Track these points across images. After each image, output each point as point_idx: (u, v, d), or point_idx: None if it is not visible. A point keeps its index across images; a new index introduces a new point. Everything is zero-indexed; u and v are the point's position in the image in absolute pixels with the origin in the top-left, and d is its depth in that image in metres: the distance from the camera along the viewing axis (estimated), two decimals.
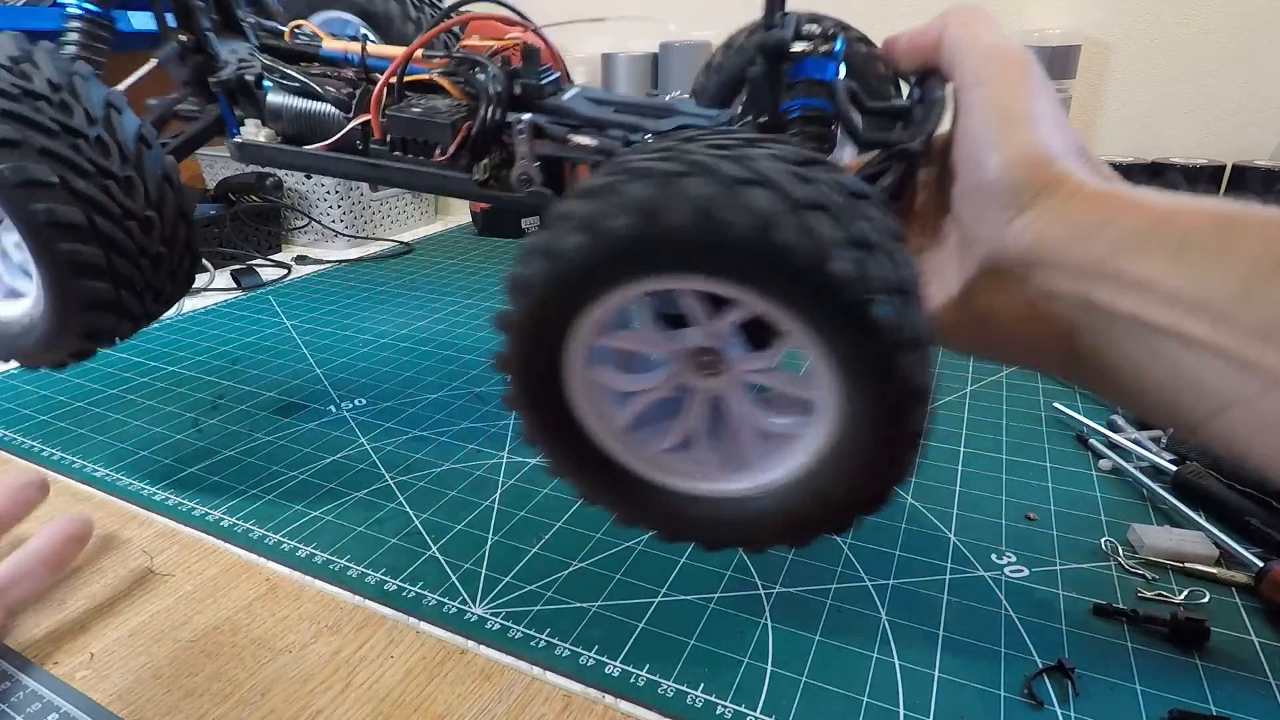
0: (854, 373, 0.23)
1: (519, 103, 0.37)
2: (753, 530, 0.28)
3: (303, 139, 0.40)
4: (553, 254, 0.23)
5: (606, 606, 0.33)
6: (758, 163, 0.22)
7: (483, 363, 0.58)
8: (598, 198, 0.23)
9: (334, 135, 0.39)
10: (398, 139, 0.38)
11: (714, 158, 0.22)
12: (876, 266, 0.21)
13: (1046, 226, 0.23)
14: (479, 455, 0.45)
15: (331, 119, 0.40)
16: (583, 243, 0.23)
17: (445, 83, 0.38)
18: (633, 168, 0.23)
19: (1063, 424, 0.47)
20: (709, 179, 0.21)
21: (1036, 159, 0.24)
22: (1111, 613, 0.31)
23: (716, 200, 0.21)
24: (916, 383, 0.22)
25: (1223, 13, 0.71)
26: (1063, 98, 0.74)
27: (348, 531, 0.38)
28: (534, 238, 0.24)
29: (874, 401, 0.23)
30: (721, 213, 0.21)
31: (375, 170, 0.39)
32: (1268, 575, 0.31)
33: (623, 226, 0.22)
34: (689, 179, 0.21)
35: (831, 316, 0.22)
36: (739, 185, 0.21)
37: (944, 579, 0.34)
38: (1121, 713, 0.27)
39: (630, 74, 0.92)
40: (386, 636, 0.32)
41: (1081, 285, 0.23)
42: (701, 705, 0.27)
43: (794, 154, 0.22)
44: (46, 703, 0.29)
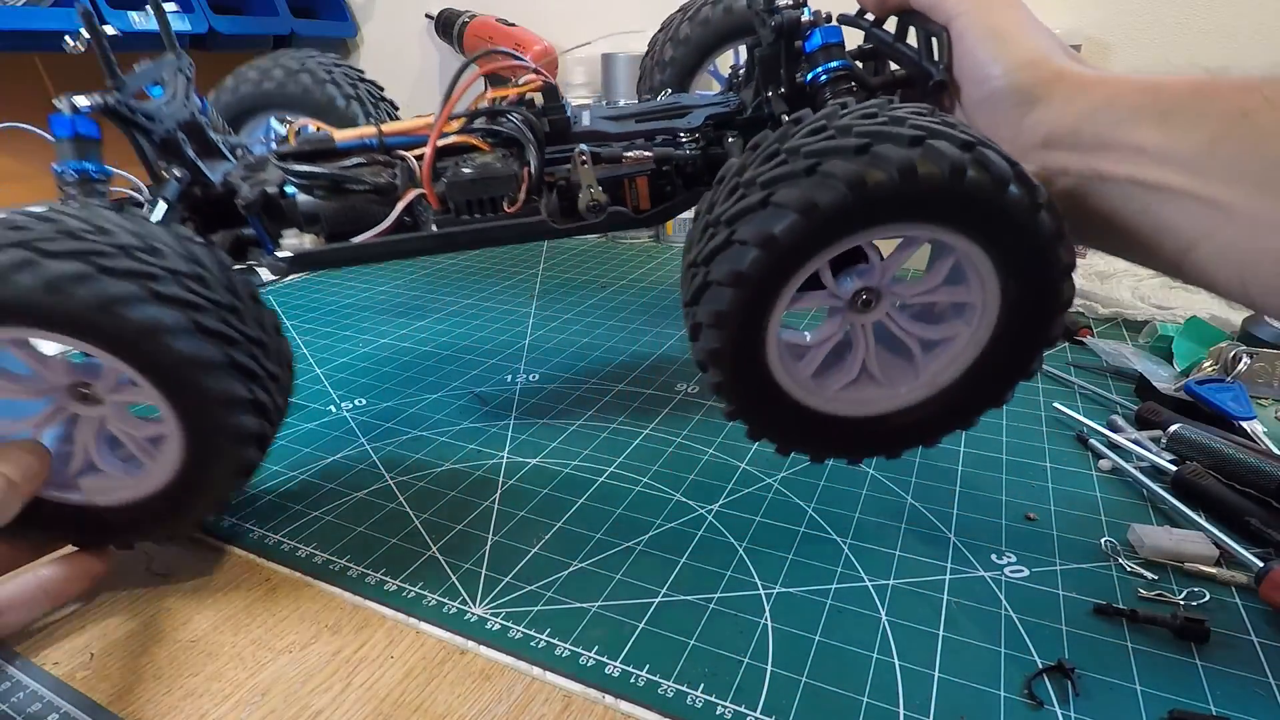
0: (1018, 269, 0.28)
1: (552, 138, 0.39)
2: (930, 428, 0.34)
3: (346, 233, 0.39)
4: (807, 209, 0.26)
5: (606, 606, 0.33)
6: (919, 121, 0.26)
7: (483, 363, 0.58)
8: (851, 158, 0.26)
9: (383, 220, 0.38)
10: (461, 203, 0.38)
11: (884, 126, 0.26)
12: (1030, 183, 0.26)
13: (1059, 116, 0.28)
14: (479, 455, 0.45)
15: (375, 204, 0.39)
16: (796, 221, 0.26)
17: (474, 140, 0.39)
18: (816, 149, 0.26)
19: (1063, 424, 0.47)
20: (895, 143, 0.25)
21: (1034, 61, 0.29)
22: (1111, 613, 0.31)
23: (912, 159, 0.25)
24: (1069, 260, 0.28)
25: (1223, 13, 0.71)
26: None
27: (348, 531, 0.38)
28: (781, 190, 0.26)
29: (1035, 286, 0.28)
30: (922, 166, 0.25)
31: (444, 240, 0.39)
32: (1268, 575, 0.31)
33: (836, 197, 0.26)
34: (937, 140, 0.25)
35: (1008, 228, 0.27)
36: (926, 141, 0.25)
37: (944, 579, 0.34)
38: (1121, 713, 0.27)
39: (630, 74, 0.92)
40: (386, 637, 0.32)
41: (1090, 159, 0.27)
42: (701, 705, 0.27)
43: (925, 108, 0.27)
44: (47, 703, 0.29)
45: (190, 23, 0.90)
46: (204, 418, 0.30)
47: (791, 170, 0.26)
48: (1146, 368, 0.50)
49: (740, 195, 0.28)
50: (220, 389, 0.29)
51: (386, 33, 1.15)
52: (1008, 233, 0.27)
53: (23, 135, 0.74)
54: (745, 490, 0.41)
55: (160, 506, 0.33)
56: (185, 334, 0.28)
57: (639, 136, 0.40)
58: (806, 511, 0.39)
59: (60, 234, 0.27)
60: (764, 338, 0.30)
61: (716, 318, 0.29)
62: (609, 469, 0.43)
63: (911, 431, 0.34)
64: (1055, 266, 0.27)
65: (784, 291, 0.29)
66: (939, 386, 0.32)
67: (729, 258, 0.28)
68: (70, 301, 0.27)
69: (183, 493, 0.32)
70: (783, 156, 0.27)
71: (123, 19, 0.83)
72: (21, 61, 0.93)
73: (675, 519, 0.39)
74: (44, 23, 0.77)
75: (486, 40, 0.93)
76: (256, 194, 0.39)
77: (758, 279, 0.28)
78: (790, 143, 0.27)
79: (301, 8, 1.08)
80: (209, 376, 0.29)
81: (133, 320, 0.27)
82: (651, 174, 0.39)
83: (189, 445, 0.30)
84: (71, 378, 0.31)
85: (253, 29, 0.99)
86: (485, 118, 0.39)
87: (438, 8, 1.01)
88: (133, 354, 0.28)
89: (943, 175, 0.25)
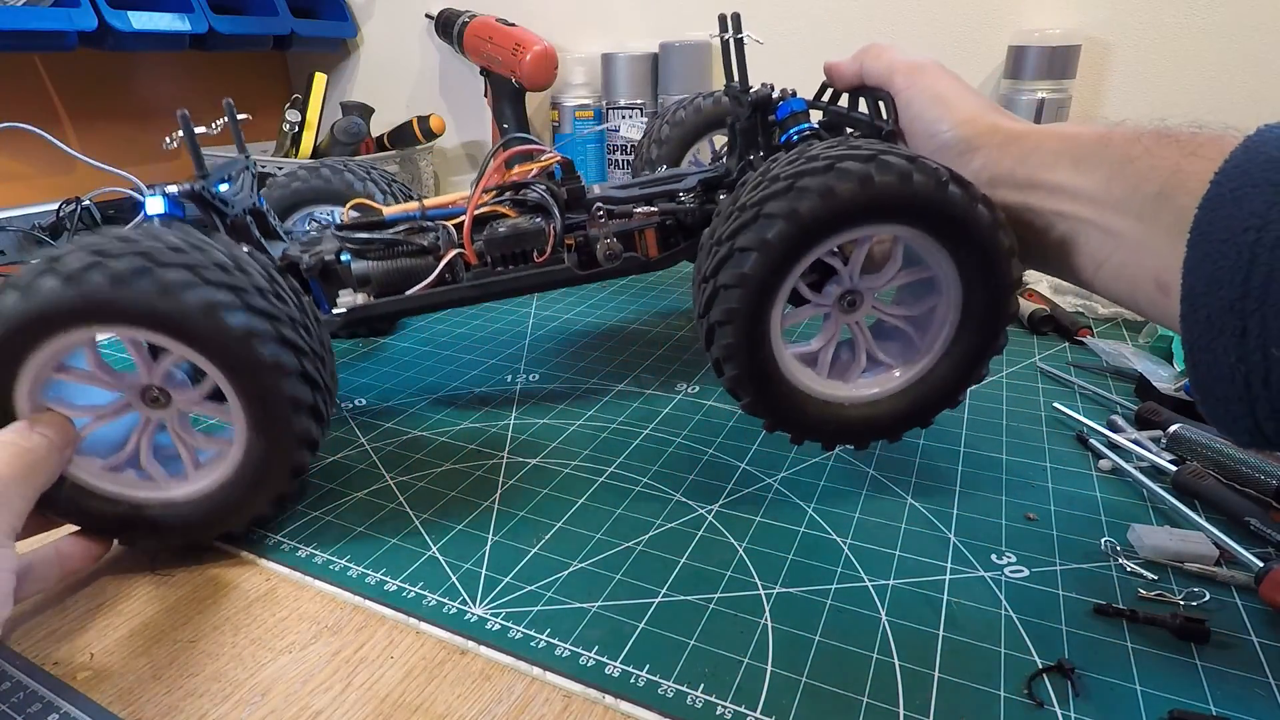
0: (967, 259, 0.34)
1: (569, 205, 0.47)
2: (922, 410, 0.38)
3: (394, 289, 0.46)
4: (791, 215, 0.32)
5: (606, 606, 0.33)
6: (872, 146, 0.33)
7: (483, 363, 0.58)
8: (820, 175, 0.32)
9: (426, 276, 0.45)
10: (496, 257, 0.45)
11: (845, 150, 0.32)
12: (964, 182, 0.32)
13: (996, 160, 0.34)
14: (479, 455, 0.45)
15: (418, 265, 0.45)
16: (784, 226, 0.32)
17: (503, 209, 0.46)
18: (835, 154, 0.32)
19: (1063, 424, 0.47)
20: (855, 160, 0.32)
21: (973, 118, 0.36)
22: (1111, 613, 0.31)
23: (869, 170, 0.31)
24: (1009, 243, 0.33)
25: (1223, 13, 0.71)
26: (1063, 98, 0.74)
27: (348, 531, 0.38)
28: (769, 204, 0.32)
29: (981, 269, 0.34)
30: (878, 175, 0.31)
31: (483, 289, 0.46)
32: (1268, 575, 0.31)
33: (849, 190, 0.31)
34: (887, 156, 0.32)
35: (952, 219, 0.32)
36: (879, 157, 0.32)
37: (944, 579, 0.34)
38: (1121, 713, 0.27)
39: (630, 74, 0.92)
40: (386, 637, 0.32)
41: (1023, 195, 0.33)
42: (701, 705, 0.27)
43: (876, 139, 0.35)
44: (47, 703, 0.29)
45: (190, 23, 0.90)
46: (274, 418, 0.33)
47: (775, 190, 0.32)
48: (1146, 368, 0.50)
49: (736, 216, 0.34)
50: (302, 424, 0.34)
51: (386, 33, 1.15)
52: (952, 222, 0.32)
53: (23, 135, 0.74)
54: (745, 490, 0.41)
55: (222, 503, 0.35)
56: (271, 340, 0.32)
57: (643, 200, 0.47)
58: (806, 512, 0.39)
59: (170, 249, 0.31)
60: (768, 331, 0.35)
61: (728, 314, 0.34)
62: (609, 469, 0.43)
63: (910, 416, 0.39)
64: (998, 246, 0.33)
65: (781, 289, 0.34)
66: (939, 354, 0.37)
67: (734, 264, 0.33)
68: (177, 304, 0.30)
69: (245, 490, 0.35)
70: (766, 183, 0.33)
71: (122, 18, 0.83)
72: (21, 61, 0.93)
73: (675, 519, 0.39)
74: (44, 23, 0.77)
75: (486, 40, 0.93)
76: (316, 261, 0.45)
77: (758, 279, 0.33)
78: (772, 172, 0.34)
79: (301, 8, 1.08)
80: (285, 380, 0.33)
81: (228, 325, 0.31)
82: (658, 226, 0.46)
83: (255, 443, 0.34)
84: (158, 381, 0.34)
85: (253, 29, 0.99)
86: (512, 190, 0.46)
87: (438, 8, 1.01)
88: (224, 355, 0.32)
89: (893, 181, 0.31)
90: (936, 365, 0.37)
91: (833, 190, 0.31)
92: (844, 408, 0.38)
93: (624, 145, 0.95)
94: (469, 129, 1.14)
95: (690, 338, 0.63)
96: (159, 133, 1.08)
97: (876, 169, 0.31)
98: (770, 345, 0.35)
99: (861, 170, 0.31)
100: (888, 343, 0.39)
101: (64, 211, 0.81)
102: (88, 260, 0.30)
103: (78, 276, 0.30)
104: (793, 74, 0.90)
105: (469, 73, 1.07)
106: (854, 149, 0.32)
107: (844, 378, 0.38)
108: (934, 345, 0.37)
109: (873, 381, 0.38)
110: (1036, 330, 0.61)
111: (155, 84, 1.08)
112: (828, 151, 0.33)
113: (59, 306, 0.30)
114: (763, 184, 0.33)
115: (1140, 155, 0.28)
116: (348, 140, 0.96)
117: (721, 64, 0.51)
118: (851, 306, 0.37)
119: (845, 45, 0.85)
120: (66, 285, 0.30)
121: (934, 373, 0.37)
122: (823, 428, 0.38)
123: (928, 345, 0.37)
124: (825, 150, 0.33)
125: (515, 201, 0.46)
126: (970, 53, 0.81)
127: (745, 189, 0.34)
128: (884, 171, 0.31)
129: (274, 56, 1.23)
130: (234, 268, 0.33)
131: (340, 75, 1.20)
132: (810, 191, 0.31)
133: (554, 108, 0.97)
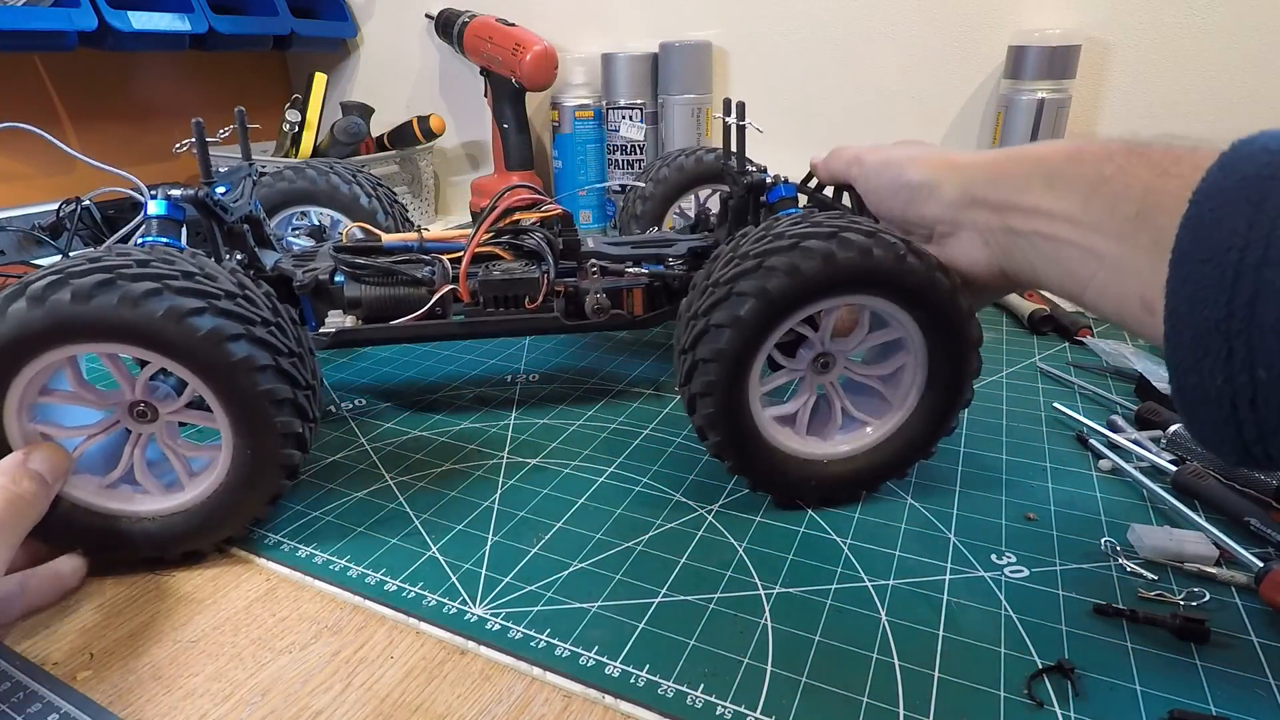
0: (929, 322, 0.36)
1: (564, 254, 0.48)
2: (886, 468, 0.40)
3: (382, 317, 0.46)
4: (761, 294, 0.34)
5: (606, 606, 0.33)
6: (834, 222, 0.35)
7: (483, 363, 0.58)
8: (786, 253, 0.34)
9: (417, 308, 0.45)
10: (489, 298, 0.46)
11: (844, 224, 0.34)
12: (922, 252, 0.35)
13: (966, 188, 0.35)
14: (479, 455, 0.45)
15: (410, 295, 0.46)
16: (784, 282, 0.34)
17: (499, 250, 0.47)
18: (799, 232, 0.34)
19: (1063, 424, 0.47)
20: (855, 233, 0.34)
21: (929, 160, 0.37)
22: (1111, 613, 0.31)
23: (868, 244, 0.34)
24: (966, 307, 0.35)
25: (1223, 13, 0.71)
26: (1063, 98, 0.74)
27: (348, 531, 0.38)
28: (740, 283, 0.34)
29: (943, 330, 0.36)
30: (875, 250, 0.33)
31: (471, 328, 0.47)
32: (1268, 575, 0.31)
33: (813, 267, 0.33)
34: (847, 233, 0.34)
35: (913, 287, 0.34)
36: (839, 234, 0.34)
37: (944, 579, 0.34)
38: (1121, 713, 0.27)
39: (630, 74, 0.92)
40: (386, 637, 0.32)
41: (1003, 218, 0.33)
42: (701, 706, 0.27)
43: (838, 214, 0.37)
44: (47, 703, 0.29)
45: (190, 23, 0.90)
46: (255, 417, 0.33)
47: (745, 268, 0.34)
48: (1146, 368, 0.50)
49: (711, 292, 0.35)
50: (284, 422, 0.34)
51: (386, 33, 1.15)
52: (913, 291, 0.34)
53: (23, 135, 0.74)
54: (745, 490, 0.41)
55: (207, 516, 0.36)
56: (270, 372, 0.33)
57: (633, 260, 0.49)
58: (806, 512, 0.39)
59: (179, 274, 0.32)
60: (746, 399, 0.36)
61: (707, 386, 0.35)
62: (609, 469, 0.43)
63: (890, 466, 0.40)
64: (957, 310, 0.35)
65: (755, 360, 0.36)
66: (910, 409, 0.38)
67: (710, 339, 0.35)
68: (184, 330, 0.31)
69: (238, 493, 0.35)
70: (737, 259, 0.35)
71: (122, 18, 0.83)
72: (21, 61, 0.93)
73: (675, 519, 0.39)
74: (44, 23, 0.77)
75: (486, 40, 0.93)
76: (310, 279, 0.46)
77: (733, 353, 0.35)
78: (742, 249, 0.35)
79: (301, 8, 1.07)
80: (259, 375, 0.33)
81: (231, 353, 0.32)
82: (645, 288, 0.48)
83: (241, 445, 0.34)
84: (140, 396, 0.35)
85: (252, 29, 0.99)
86: (510, 234, 0.48)
87: (438, 8, 1.01)
88: (195, 358, 0.32)
89: (854, 256, 0.33)
90: (909, 419, 0.39)
91: (798, 268, 0.33)
92: (824, 464, 0.39)
93: (624, 145, 0.95)
94: (469, 129, 1.14)
95: None
96: (159, 133, 1.08)
97: (838, 246, 0.33)
98: (749, 412, 0.37)
99: (824, 248, 0.33)
100: (861, 398, 0.40)
101: (64, 211, 0.81)
102: (51, 279, 0.31)
103: (42, 296, 0.30)
104: (794, 76, 0.90)
105: (469, 73, 1.07)
106: (817, 226, 0.34)
107: (822, 435, 0.40)
108: (905, 400, 0.38)
109: (850, 438, 0.39)
110: (1036, 330, 0.61)
111: (155, 84, 1.08)
112: (792, 229, 0.34)
113: (30, 329, 0.30)
114: (734, 260, 0.35)
115: (1114, 174, 0.27)
116: (348, 140, 0.96)
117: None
118: (825, 368, 0.39)
119: (845, 45, 0.86)
120: (34, 306, 0.30)
121: (908, 425, 0.39)
122: (804, 485, 0.39)
123: (899, 400, 0.39)
124: (790, 228, 0.35)
125: (512, 245, 0.48)
126: (970, 53, 0.81)
127: (718, 264, 0.36)
128: (845, 248, 0.33)
129: (274, 56, 1.23)
130: (201, 275, 0.33)
131: (340, 75, 1.20)
132: (778, 271, 0.33)
133: (554, 108, 0.97)
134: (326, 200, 0.60)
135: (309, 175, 0.60)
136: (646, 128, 0.94)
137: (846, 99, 0.88)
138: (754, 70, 0.93)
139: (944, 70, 0.83)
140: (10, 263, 0.77)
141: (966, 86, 0.83)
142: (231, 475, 0.35)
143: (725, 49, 0.93)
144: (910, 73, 0.84)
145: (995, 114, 0.78)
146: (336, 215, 0.61)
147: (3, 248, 0.78)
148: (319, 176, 0.60)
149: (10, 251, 0.79)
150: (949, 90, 0.83)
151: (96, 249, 0.34)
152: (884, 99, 0.86)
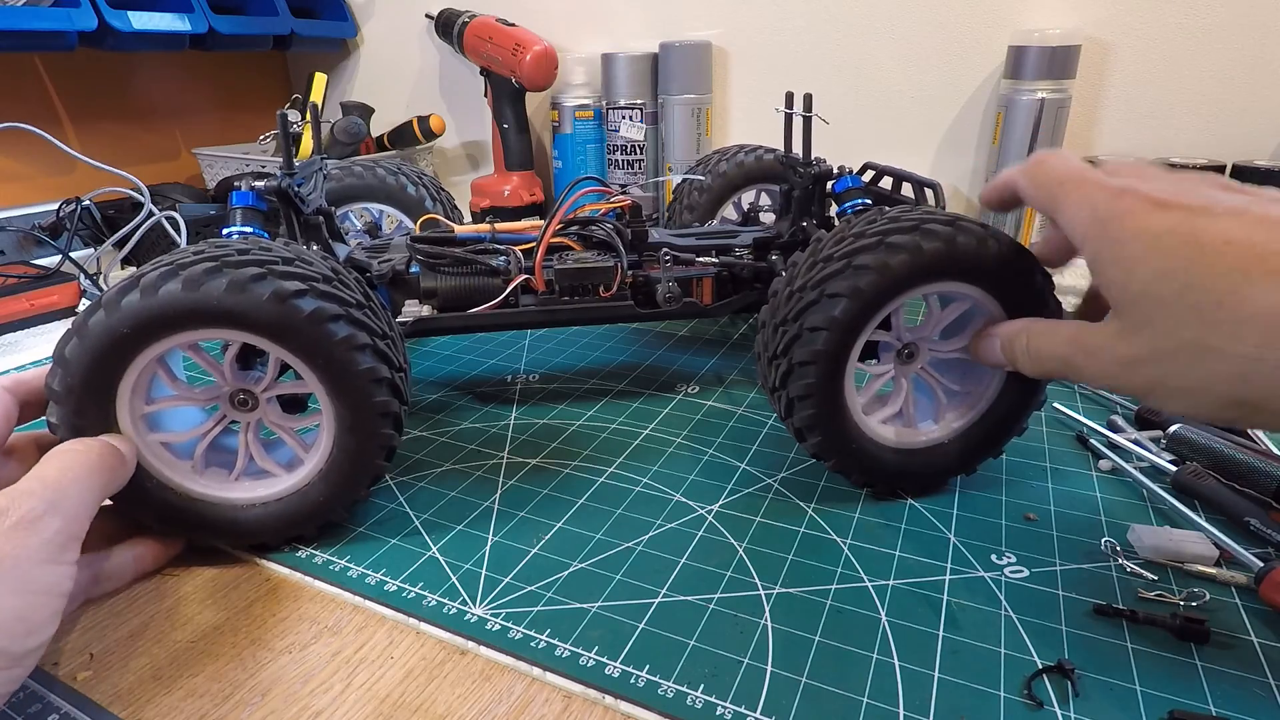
0: (1014, 301, 0.36)
1: (632, 245, 0.49)
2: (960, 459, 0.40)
3: (457, 306, 0.47)
4: (883, 269, 0.34)
5: (606, 607, 0.33)
6: (913, 214, 0.36)
7: (483, 363, 0.58)
8: (873, 251, 0.34)
9: (491, 298, 0.47)
10: (565, 286, 0.47)
11: (923, 216, 0.35)
12: (1004, 237, 0.35)
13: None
14: (479, 455, 0.45)
15: (484, 285, 0.47)
16: (906, 259, 0.34)
17: (570, 241, 0.49)
18: (880, 229, 0.35)
19: (1063, 424, 0.47)
20: (936, 224, 0.35)
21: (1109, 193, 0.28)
22: (1111, 613, 0.31)
23: (951, 233, 0.34)
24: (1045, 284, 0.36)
25: (1223, 13, 0.71)
26: (1063, 98, 0.74)
27: (348, 531, 0.38)
28: (831, 284, 0.35)
29: (1027, 308, 0.35)
30: (959, 238, 0.34)
31: (548, 315, 0.48)
32: (1268, 575, 0.31)
33: (901, 260, 0.34)
34: (929, 225, 0.34)
35: (998, 269, 0.35)
36: (952, 224, 0.35)
37: (944, 579, 0.34)
38: (1121, 713, 0.27)
39: (630, 74, 0.92)
40: (386, 637, 0.32)
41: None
42: (701, 706, 0.27)
43: (907, 207, 0.38)
44: (47, 703, 0.29)
45: (190, 23, 0.90)
46: (364, 424, 0.34)
47: (833, 270, 0.35)
48: None
49: (798, 298, 0.36)
50: (383, 401, 0.34)
51: (386, 33, 1.15)
52: (998, 271, 0.35)
53: (23, 135, 0.74)
54: (745, 490, 0.41)
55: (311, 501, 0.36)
56: (369, 351, 0.33)
57: (700, 250, 0.50)
58: (806, 512, 0.39)
59: (279, 259, 0.33)
60: (844, 398, 0.37)
61: (806, 389, 0.36)
62: (609, 469, 0.43)
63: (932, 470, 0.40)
64: (1036, 285, 0.35)
65: (849, 358, 0.36)
66: (1001, 378, 0.39)
67: (805, 342, 0.35)
68: (288, 311, 0.32)
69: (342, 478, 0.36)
70: (822, 263, 0.36)
71: (122, 18, 0.83)
72: (21, 61, 0.93)
73: (675, 519, 0.39)
74: (44, 23, 0.77)
75: (486, 40, 0.93)
76: (388, 269, 0.47)
77: (830, 352, 0.35)
78: (825, 252, 0.36)
79: (301, 8, 1.07)
80: (378, 389, 0.34)
81: (333, 333, 0.33)
82: (715, 276, 0.49)
83: (344, 444, 0.35)
84: (236, 384, 0.35)
85: (253, 29, 0.99)
86: (580, 225, 0.49)
87: (438, 8, 1.01)
88: (325, 360, 0.33)
89: (940, 246, 0.34)
90: (1000, 395, 0.39)
91: (887, 264, 0.34)
92: (913, 453, 0.39)
93: (624, 145, 0.95)
94: (469, 129, 1.14)
95: (690, 338, 0.63)
96: (159, 133, 1.08)
97: (923, 238, 0.34)
98: (848, 411, 0.37)
99: (910, 241, 0.34)
100: (953, 374, 0.40)
101: (64, 211, 0.81)
102: (163, 269, 0.31)
103: (156, 285, 0.31)
104: (794, 76, 0.90)
105: (469, 73, 1.07)
106: (895, 221, 0.35)
107: (921, 423, 0.40)
108: (954, 423, 0.39)
109: (937, 426, 0.40)
110: None
111: (155, 84, 1.08)
112: (871, 228, 0.35)
113: (178, 308, 0.31)
114: (818, 264, 0.36)
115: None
116: (348, 140, 0.96)
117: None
118: (910, 358, 0.39)
119: (845, 45, 0.86)
120: (148, 295, 0.31)
121: (1000, 401, 0.39)
122: (905, 475, 0.39)
123: (985, 374, 0.39)
124: (868, 226, 0.36)
125: (581, 236, 0.49)
126: (970, 53, 0.81)
127: (800, 270, 0.37)
128: (930, 239, 0.34)
129: (274, 56, 1.22)
130: (336, 279, 0.34)
131: (340, 75, 1.20)
132: (868, 269, 0.34)
133: (554, 108, 0.97)
134: (385, 198, 0.62)
135: (378, 174, 0.61)
136: (646, 128, 0.94)
137: (846, 99, 0.88)
138: (754, 70, 0.93)
139: (944, 70, 0.83)
140: (10, 263, 0.77)
141: (966, 86, 0.83)
142: (334, 457, 0.35)
143: (725, 49, 0.93)
144: (910, 73, 0.84)
145: (995, 114, 0.78)
146: (394, 211, 0.62)
147: (3, 248, 0.78)
148: (388, 175, 0.61)
149: (10, 251, 0.79)
150: (949, 90, 0.83)
151: (200, 242, 0.34)
152: (884, 99, 0.86)
